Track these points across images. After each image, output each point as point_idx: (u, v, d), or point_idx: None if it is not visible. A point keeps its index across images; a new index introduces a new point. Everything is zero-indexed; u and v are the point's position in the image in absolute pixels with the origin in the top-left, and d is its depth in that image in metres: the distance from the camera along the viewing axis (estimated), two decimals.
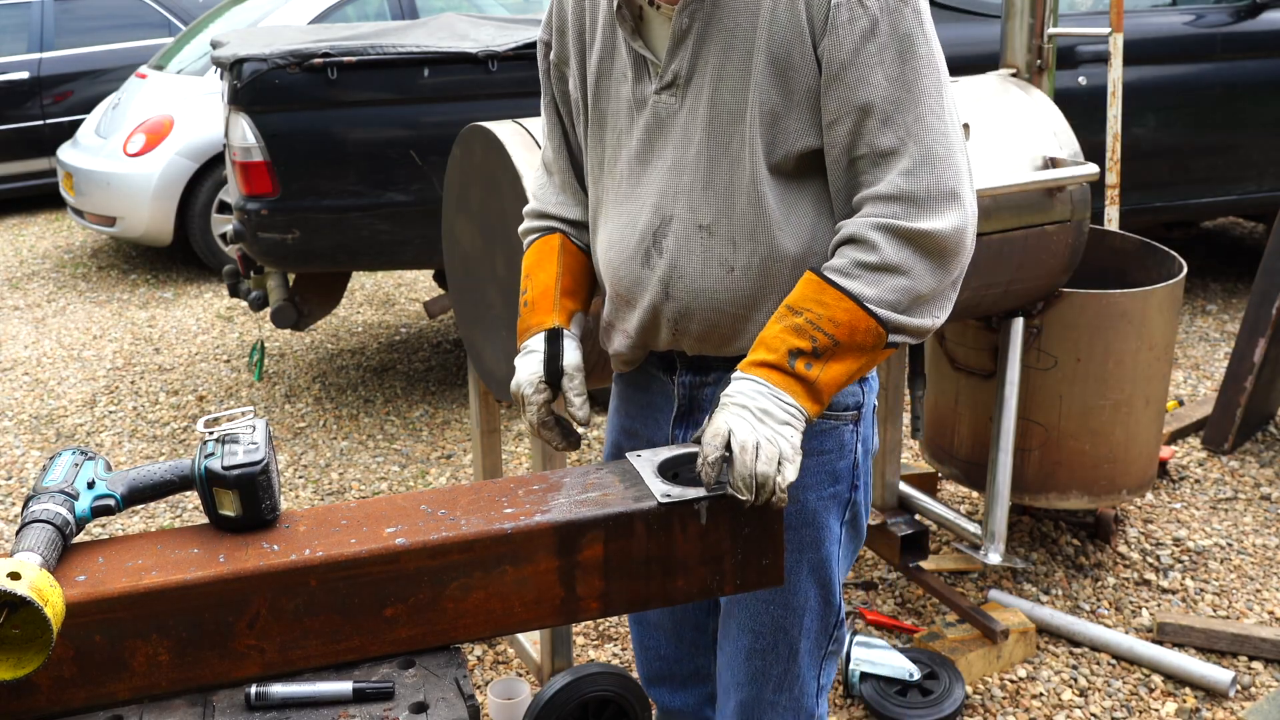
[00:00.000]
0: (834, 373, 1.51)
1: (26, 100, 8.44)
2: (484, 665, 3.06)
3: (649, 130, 1.64)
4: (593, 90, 1.71)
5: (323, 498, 4.07)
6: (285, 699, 1.31)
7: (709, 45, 1.58)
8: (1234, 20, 5.25)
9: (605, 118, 1.70)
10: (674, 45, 1.59)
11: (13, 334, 5.95)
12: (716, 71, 1.58)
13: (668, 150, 1.63)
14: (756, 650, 1.80)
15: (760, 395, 1.49)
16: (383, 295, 6.29)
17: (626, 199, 1.69)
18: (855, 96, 1.50)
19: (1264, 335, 3.94)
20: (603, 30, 1.67)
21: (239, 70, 4.21)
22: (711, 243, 1.61)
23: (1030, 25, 3.23)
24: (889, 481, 3.15)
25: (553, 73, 1.79)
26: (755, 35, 1.54)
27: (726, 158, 1.59)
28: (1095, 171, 2.82)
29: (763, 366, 1.51)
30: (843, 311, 1.49)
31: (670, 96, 1.62)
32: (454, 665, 1.38)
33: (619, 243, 1.70)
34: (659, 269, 1.65)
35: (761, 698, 1.83)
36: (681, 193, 1.62)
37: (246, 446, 1.39)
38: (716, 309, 1.63)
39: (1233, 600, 3.22)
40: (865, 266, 1.51)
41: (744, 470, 1.43)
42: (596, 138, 1.72)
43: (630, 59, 1.65)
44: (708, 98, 1.58)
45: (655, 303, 1.67)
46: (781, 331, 1.51)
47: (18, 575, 1.17)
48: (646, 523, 1.44)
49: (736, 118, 1.57)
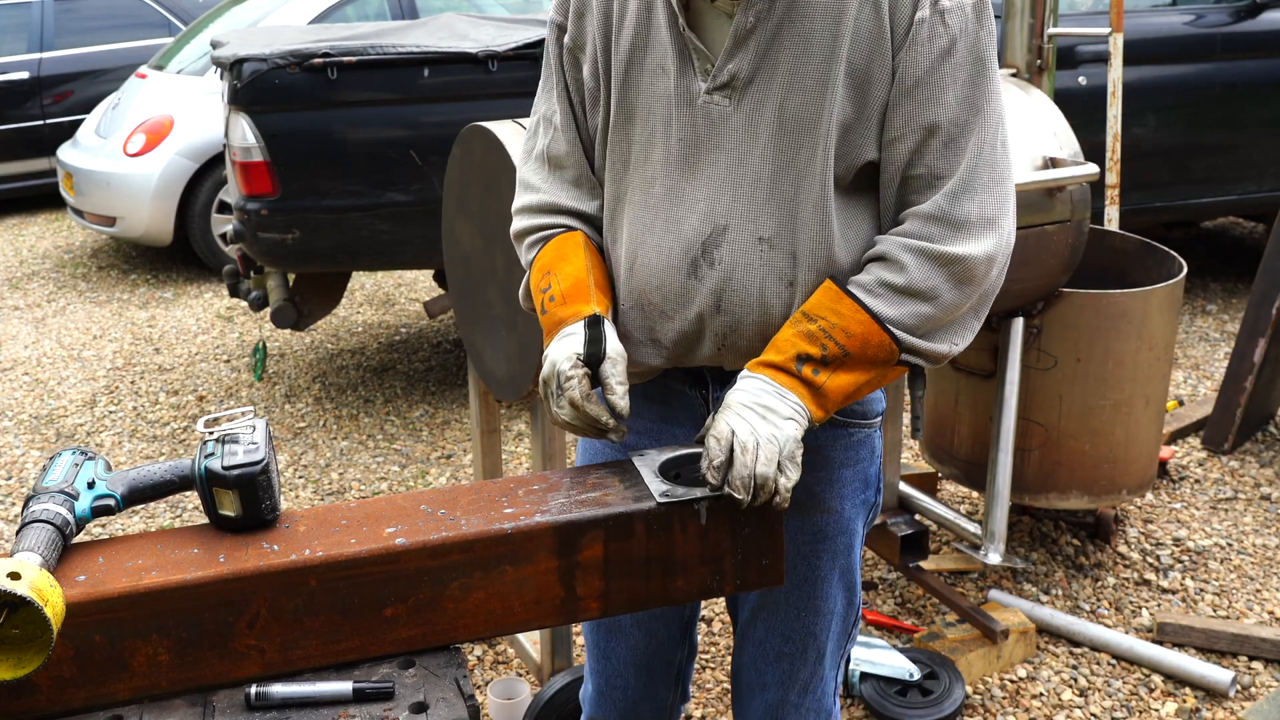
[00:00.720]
0: (841, 382, 1.49)
1: (26, 100, 8.44)
2: (484, 665, 3.06)
3: (696, 131, 1.54)
4: (619, 80, 1.59)
5: (323, 498, 4.07)
6: (285, 699, 1.31)
7: (779, 48, 1.49)
8: (1234, 20, 5.25)
9: (635, 111, 1.59)
10: (735, 44, 1.50)
11: (13, 334, 5.95)
12: (789, 77, 1.49)
13: (721, 155, 1.54)
14: (785, 654, 1.79)
15: (763, 393, 1.48)
16: (383, 295, 6.29)
17: (664, 203, 1.58)
18: (924, 115, 1.48)
19: (1264, 335, 3.94)
20: (636, 15, 1.57)
21: (239, 70, 4.21)
22: (772, 256, 1.54)
23: (1030, 25, 3.23)
24: (889, 481, 3.15)
25: (565, 58, 1.66)
26: (837, 43, 1.47)
27: (794, 168, 1.52)
28: (1095, 171, 2.82)
29: (769, 367, 1.50)
30: (857, 324, 1.48)
31: (724, 98, 1.52)
32: (454, 665, 1.38)
33: (656, 249, 1.59)
34: (710, 280, 1.56)
35: (787, 700, 1.83)
36: (740, 202, 1.54)
37: (246, 446, 1.39)
38: (770, 324, 1.57)
39: (1233, 600, 3.22)
40: (890, 287, 1.49)
41: (743, 471, 1.42)
42: (621, 132, 1.61)
43: (675, 51, 1.54)
44: (776, 104, 1.50)
45: (703, 315, 1.58)
46: (793, 336, 1.50)
47: (18, 575, 1.17)
48: (646, 523, 1.44)
49: (808, 127, 1.50)
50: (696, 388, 1.71)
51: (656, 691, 1.93)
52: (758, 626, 1.80)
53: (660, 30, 1.55)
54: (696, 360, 1.65)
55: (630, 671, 1.90)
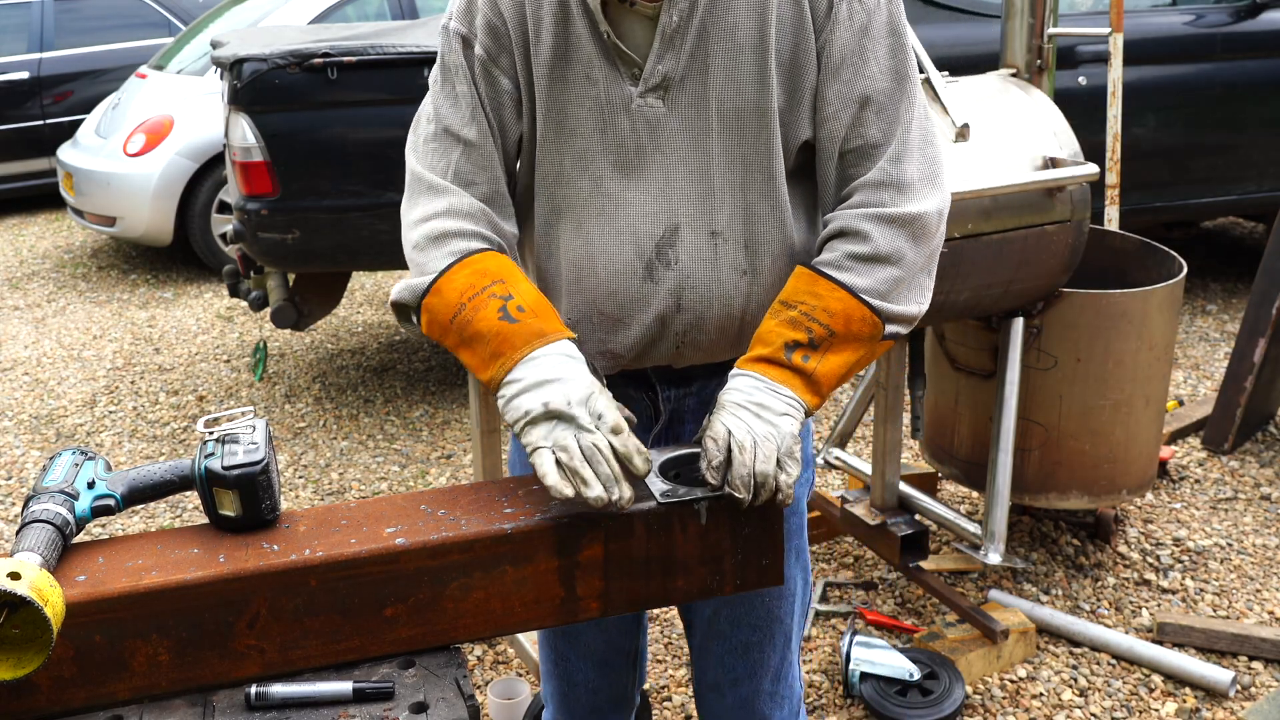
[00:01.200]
0: (832, 364, 1.50)
1: (26, 100, 8.45)
2: (484, 665, 3.06)
3: (635, 136, 1.54)
4: (544, 93, 1.55)
5: (323, 498, 4.07)
6: (285, 699, 1.31)
7: (707, 45, 1.51)
8: (1234, 20, 5.25)
9: (565, 123, 1.56)
10: (663, 45, 1.51)
11: (13, 334, 5.95)
12: (724, 73, 1.52)
13: (662, 156, 1.55)
14: (754, 643, 1.81)
15: (757, 390, 1.48)
16: (383, 295, 6.29)
17: (609, 210, 1.57)
18: (854, 90, 1.53)
19: (1264, 335, 3.94)
20: (551, 26, 1.53)
21: (239, 70, 4.21)
22: (725, 248, 1.56)
23: (1030, 25, 3.23)
24: (889, 481, 3.15)
25: (478, 71, 1.57)
26: (764, 34, 1.51)
27: (739, 160, 1.55)
28: (1095, 171, 2.82)
29: (759, 362, 1.50)
30: (836, 301, 1.50)
31: (657, 99, 1.53)
32: (454, 665, 1.38)
33: (606, 257, 1.57)
34: (668, 281, 1.56)
35: (761, 690, 1.84)
36: (689, 200, 1.55)
37: (246, 446, 1.39)
38: (730, 316, 1.59)
39: (1233, 600, 3.22)
40: (857, 258, 1.52)
41: (742, 470, 1.42)
42: (552, 145, 1.57)
43: (600, 58, 1.53)
44: (715, 100, 1.52)
45: (663, 316, 1.58)
46: (776, 326, 1.51)
47: (18, 575, 1.17)
48: (646, 523, 1.44)
49: (749, 119, 1.53)
50: (642, 390, 1.71)
51: (616, 682, 1.93)
52: (722, 622, 1.81)
53: (581, 39, 1.53)
54: (649, 362, 1.65)
55: (590, 669, 1.90)
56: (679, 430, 1.73)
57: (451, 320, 1.49)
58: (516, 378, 1.44)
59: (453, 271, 1.51)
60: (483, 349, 1.47)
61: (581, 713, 1.95)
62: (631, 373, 1.67)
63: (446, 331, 1.51)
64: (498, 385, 1.46)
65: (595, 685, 1.92)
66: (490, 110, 1.58)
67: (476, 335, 1.47)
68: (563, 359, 1.44)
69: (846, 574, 3.41)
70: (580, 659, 1.90)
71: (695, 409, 1.71)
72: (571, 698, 1.93)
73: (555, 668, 1.93)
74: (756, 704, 1.84)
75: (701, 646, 1.86)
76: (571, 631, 1.87)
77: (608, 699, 1.94)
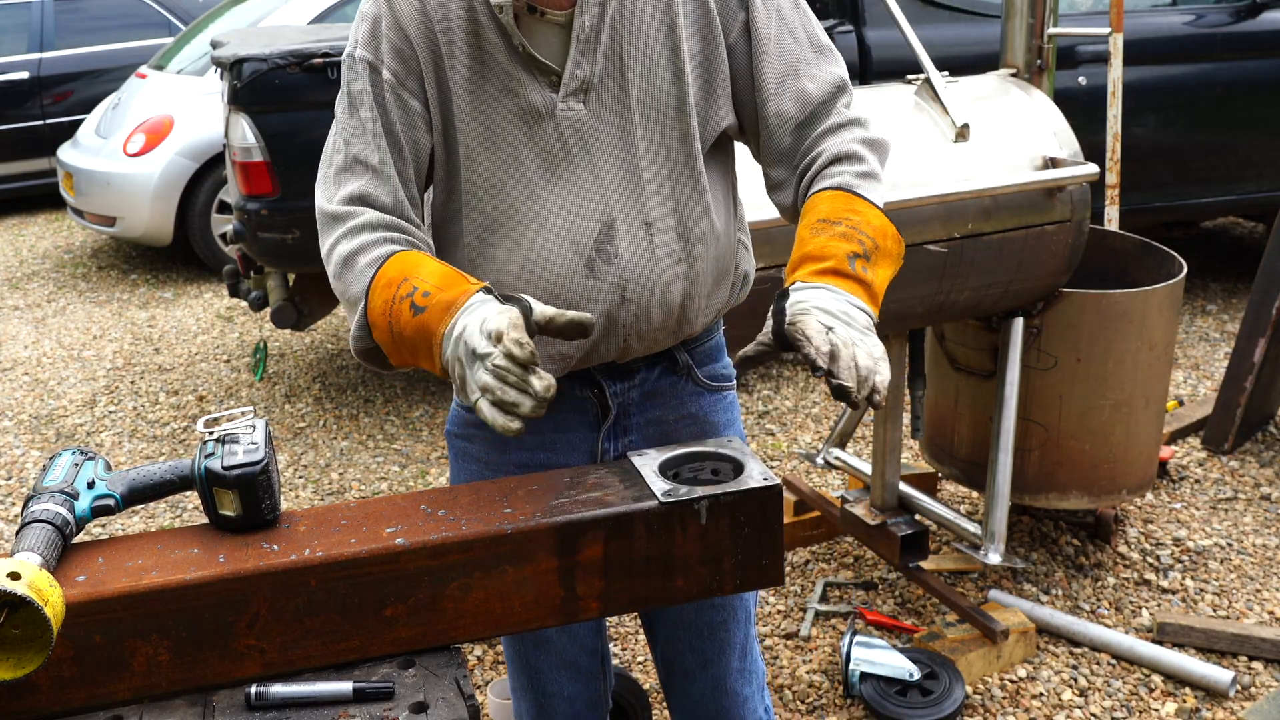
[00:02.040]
0: (883, 277, 1.55)
1: (26, 100, 8.45)
2: (484, 665, 3.06)
3: (561, 140, 1.58)
4: (466, 109, 1.57)
5: (323, 498, 4.07)
6: (285, 699, 1.31)
7: (623, 47, 1.57)
8: (1234, 20, 5.25)
9: (490, 135, 1.58)
10: (579, 50, 1.56)
11: (13, 334, 5.95)
12: (642, 72, 1.58)
13: (590, 156, 1.59)
14: (719, 623, 1.84)
15: (837, 300, 1.47)
16: None
17: (540, 215, 1.59)
18: (786, 66, 1.63)
19: (1264, 335, 3.94)
20: (464, 43, 1.56)
21: (239, 70, 4.21)
22: (659, 237, 1.61)
23: (1030, 25, 3.23)
24: (889, 481, 3.15)
25: (388, 95, 1.57)
26: (674, 32, 1.59)
27: (663, 153, 1.61)
28: (1095, 171, 2.82)
29: (827, 273, 1.50)
30: (875, 216, 1.57)
31: (579, 102, 1.57)
32: (454, 665, 1.38)
33: (545, 261, 1.59)
34: (610, 275, 1.59)
35: (730, 668, 1.88)
36: (621, 195, 1.59)
37: (246, 446, 1.39)
38: (670, 302, 1.63)
39: (1233, 600, 3.22)
40: (863, 175, 1.61)
41: (849, 365, 1.39)
42: (478, 159, 1.59)
43: (518, 69, 1.56)
44: (634, 98, 1.58)
45: (610, 311, 1.60)
46: (830, 240, 1.53)
47: (18, 575, 1.17)
48: (646, 522, 1.44)
49: (670, 113, 1.60)
50: (589, 388, 1.72)
51: (590, 686, 1.93)
52: (685, 610, 1.84)
53: (494, 53, 1.56)
54: (597, 360, 1.67)
55: (563, 676, 1.90)
56: (626, 423, 1.75)
57: (392, 342, 1.49)
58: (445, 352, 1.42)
59: (370, 298, 1.50)
60: (419, 349, 1.46)
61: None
62: (577, 372, 1.69)
63: (400, 354, 1.51)
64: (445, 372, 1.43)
65: (571, 693, 1.91)
66: (402, 132, 1.58)
67: (408, 342, 1.47)
68: (465, 313, 1.41)
69: (846, 574, 3.41)
70: (553, 669, 1.89)
71: (639, 401, 1.75)
72: (549, 710, 1.92)
73: (530, 682, 1.91)
74: (727, 681, 1.89)
75: (669, 636, 1.89)
76: (541, 642, 1.87)
77: (585, 704, 1.93)
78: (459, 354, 1.39)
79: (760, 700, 1.95)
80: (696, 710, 1.92)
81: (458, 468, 1.82)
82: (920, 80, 2.93)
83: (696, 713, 1.92)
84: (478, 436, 1.77)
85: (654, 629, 1.92)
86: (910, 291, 2.73)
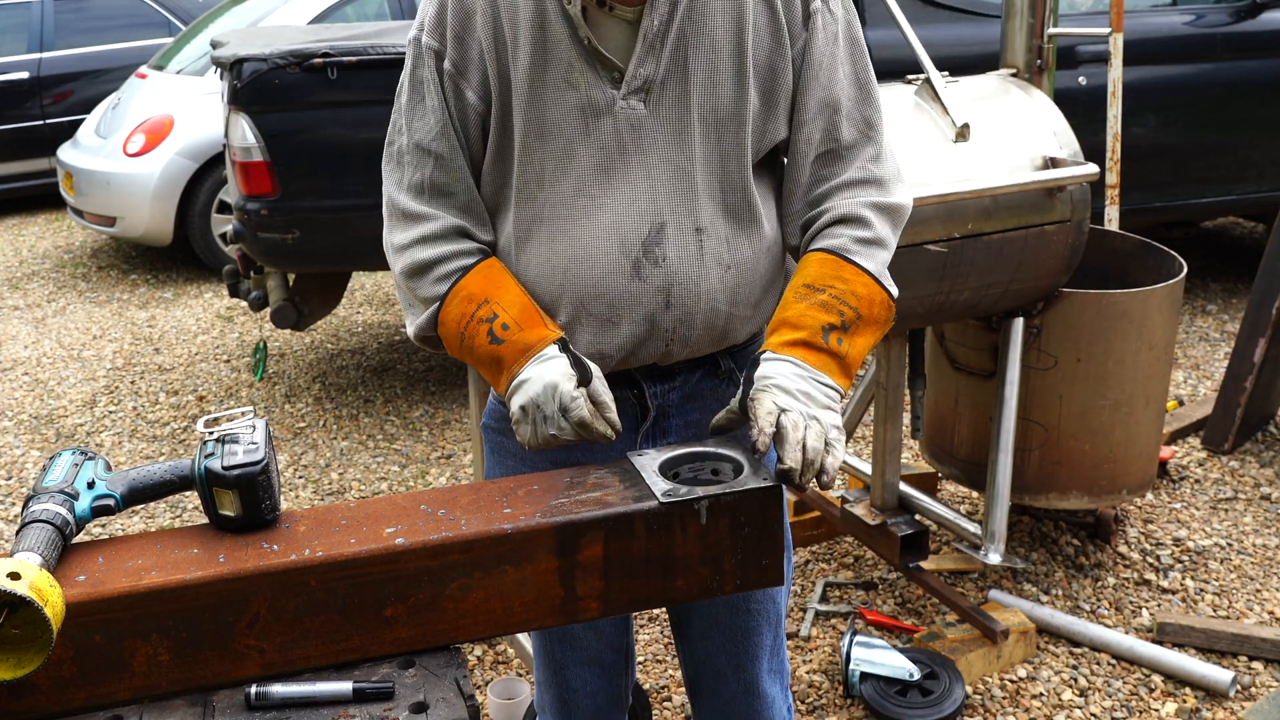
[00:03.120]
0: (860, 347, 1.56)
1: (26, 100, 8.44)
2: (484, 665, 3.06)
3: (618, 138, 1.57)
4: (524, 99, 1.56)
5: (323, 498, 4.07)
6: (285, 699, 1.31)
7: (687, 49, 1.56)
8: (1234, 20, 5.25)
9: (546, 127, 1.57)
10: (645, 49, 1.54)
11: (13, 334, 5.95)
12: (705, 76, 1.57)
13: (645, 157, 1.58)
14: (754, 627, 1.84)
15: (799, 378, 1.50)
16: (383, 295, 6.29)
17: (593, 212, 1.59)
18: (829, 95, 1.62)
19: (1264, 335, 3.94)
20: (528, 32, 1.55)
21: (239, 70, 4.21)
22: (708, 244, 1.60)
23: (1030, 25, 3.23)
24: (889, 481, 3.15)
25: (447, 85, 1.59)
26: (741, 40, 1.57)
27: (717, 159, 1.60)
28: (1095, 171, 2.82)
29: (797, 346, 1.52)
30: (862, 286, 1.57)
31: (639, 101, 1.56)
32: (454, 665, 1.38)
33: (592, 259, 1.59)
34: (656, 279, 1.59)
35: (761, 669, 1.88)
36: (674, 198, 1.59)
37: (246, 446, 1.39)
38: (715, 309, 1.63)
39: (1233, 600, 3.22)
40: (864, 242, 1.60)
41: (795, 446, 1.43)
42: (533, 150, 1.58)
43: (581, 62, 1.55)
44: (695, 102, 1.57)
45: (652, 314, 1.61)
46: (808, 309, 1.54)
47: (18, 575, 1.17)
48: (646, 523, 1.44)
49: (729, 120, 1.59)
50: (629, 389, 1.72)
51: (613, 683, 1.95)
52: (720, 612, 1.84)
53: (559, 43, 1.55)
54: (638, 362, 1.67)
55: (587, 673, 1.92)
56: (665, 425, 1.75)
57: (460, 348, 1.62)
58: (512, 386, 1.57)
59: (446, 305, 1.61)
60: (487, 370, 1.60)
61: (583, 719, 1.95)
62: (618, 372, 1.69)
63: (461, 355, 1.63)
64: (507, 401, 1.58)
65: (594, 689, 1.93)
66: (458, 123, 1.61)
67: (479, 361, 1.60)
68: (534, 364, 1.55)
69: (846, 574, 3.41)
70: (578, 665, 1.91)
71: (679, 403, 1.74)
72: (572, 705, 1.94)
73: (554, 677, 1.93)
74: (760, 684, 1.89)
75: (703, 637, 1.88)
76: (567, 638, 1.88)
77: (607, 700, 1.95)
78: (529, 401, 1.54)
79: (785, 699, 1.96)
80: (727, 711, 1.92)
81: (493, 461, 1.84)
82: (920, 80, 2.93)
83: (727, 713, 1.92)
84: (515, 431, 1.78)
85: (685, 628, 1.91)
86: (910, 291, 2.73)
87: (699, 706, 1.96)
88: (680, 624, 1.92)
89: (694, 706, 1.98)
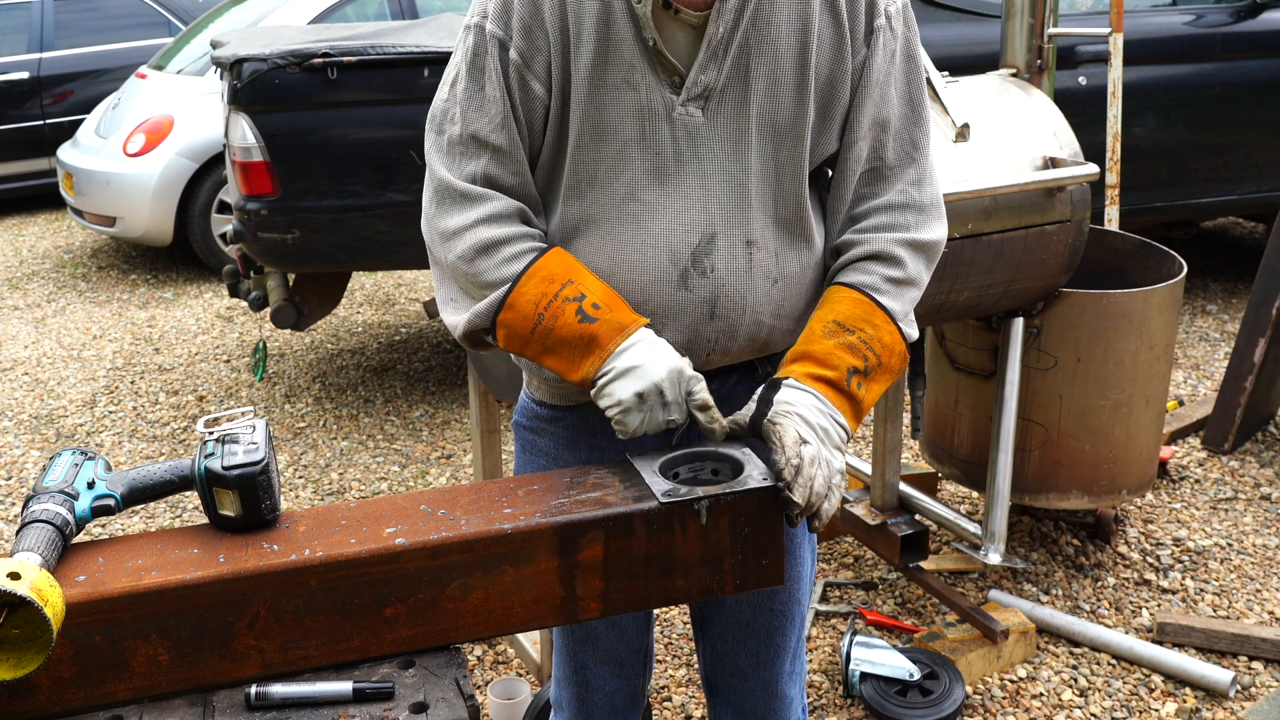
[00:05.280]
0: (874, 394, 1.57)
1: (26, 100, 8.44)
2: (484, 665, 3.06)
3: (675, 143, 1.55)
4: (585, 95, 1.54)
5: (323, 498, 4.07)
6: (285, 699, 1.31)
7: (752, 58, 1.53)
8: (1234, 20, 5.25)
9: (603, 127, 1.55)
10: (707, 55, 1.51)
11: (13, 334, 5.95)
12: (767, 86, 1.54)
13: (700, 165, 1.56)
14: (777, 627, 1.84)
15: (820, 413, 1.51)
16: (383, 295, 6.29)
17: (644, 217, 1.56)
18: (881, 114, 1.60)
19: (1264, 335, 3.94)
20: (595, 30, 1.52)
21: (239, 70, 4.21)
22: (757, 257, 1.59)
23: (1030, 25, 3.23)
24: (889, 481, 3.15)
25: (512, 75, 1.54)
26: (805, 51, 1.54)
27: (773, 171, 1.58)
28: (1095, 171, 2.82)
29: (822, 382, 1.53)
30: (889, 335, 1.58)
31: (698, 108, 1.54)
32: (454, 665, 1.38)
33: (639, 265, 1.57)
34: (702, 290, 1.57)
35: (781, 671, 1.88)
36: (726, 209, 1.56)
37: (246, 446, 1.39)
38: (759, 322, 1.62)
39: (1233, 600, 3.22)
40: (894, 281, 1.60)
41: (807, 484, 1.45)
42: (588, 149, 1.56)
43: (643, 64, 1.52)
44: (754, 111, 1.54)
45: (695, 325, 1.59)
46: (837, 348, 1.54)
47: (18, 575, 1.17)
48: (646, 523, 1.44)
49: (787, 132, 1.56)
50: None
51: (631, 682, 1.95)
52: (744, 610, 1.84)
53: (623, 43, 1.52)
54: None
55: (606, 672, 1.92)
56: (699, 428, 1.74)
57: (532, 331, 1.54)
58: (608, 369, 1.51)
59: (522, 284, 1.53)
60: (570, 353, 1.53)
61: (600, 717, 1.96)
62: None
63: (528, 343, 1.55)
64: (591, 382, 1.53)
65: (612, 688, 1.93)
66: (522, 115, 1.56)
67: (561, 341, 1.53)
68: (644, 347, 1.51)
69: (846, 574, 3.41)
70: (598, 664, 1.91)
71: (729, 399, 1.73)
72: (590, 703, 1.95)
73: (573, 674, 1.93)
74: (779, 684, 1.89)
75: (723, 634, 1.88)
76: (590, 637, 1.88)
77: (624, 699, 1.96)
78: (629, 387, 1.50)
79: (800, 700, 1.96)
80: (744, 709, 1.92)
81: (524, 459, 1.83)
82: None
83: (744, 711, 1.92)
84: (548, 431, 1.77)
85: (706, 625, 1.91)
86: None
87: (716, 703, 1.96)
88: (703, 620, 1.92)
89: (710, 703, 1.98)
